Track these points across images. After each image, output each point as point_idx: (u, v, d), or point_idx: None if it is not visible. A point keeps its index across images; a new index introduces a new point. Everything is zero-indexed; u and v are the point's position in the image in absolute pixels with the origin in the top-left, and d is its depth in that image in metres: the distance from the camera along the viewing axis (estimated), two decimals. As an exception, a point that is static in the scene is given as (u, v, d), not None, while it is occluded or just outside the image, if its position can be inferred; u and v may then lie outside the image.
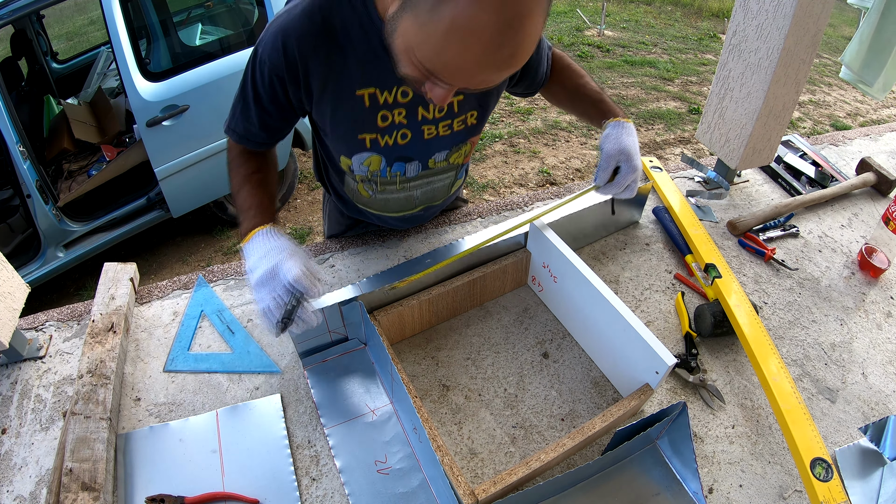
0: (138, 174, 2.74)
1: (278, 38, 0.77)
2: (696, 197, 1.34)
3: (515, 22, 0.56)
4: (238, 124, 0.89)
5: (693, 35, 6.17)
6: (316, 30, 0.77)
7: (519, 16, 0.56)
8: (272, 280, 0.77)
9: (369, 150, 0.92)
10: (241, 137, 0.90)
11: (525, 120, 4.19)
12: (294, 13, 0.77)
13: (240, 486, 0.79)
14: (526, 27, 0.57)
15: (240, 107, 0.87)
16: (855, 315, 1.09)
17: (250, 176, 0.90)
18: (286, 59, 0.78)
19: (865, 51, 1.57)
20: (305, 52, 0.78)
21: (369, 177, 0.98)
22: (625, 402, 0.82)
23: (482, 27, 0.56)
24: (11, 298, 0.92)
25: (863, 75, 1.61)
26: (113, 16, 2.27)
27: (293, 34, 0.77)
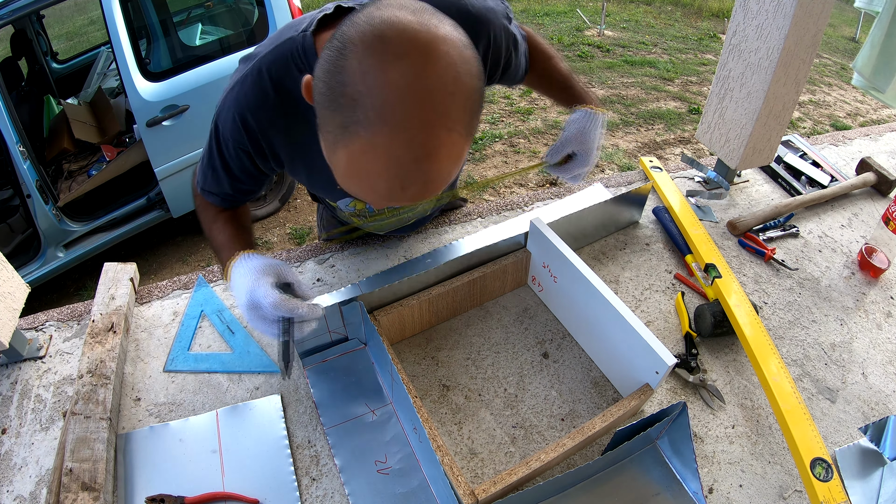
0: (138, 174, 2.74)
1: (235, 115, 0.73)
2: (696, 197, 1.34)
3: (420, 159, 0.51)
4: (210, 185, 0.85)
5: (693, 35, 6.17)
6: (271, 101, 0.72)
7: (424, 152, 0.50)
8: (257, 312, 0.74)
9: (352, 196, 0.90)
10: (214, 196, 0.87)
11: (525, 120, 4.19)
12: (246, 85, 0.72)
13: (240, 486, 0.79)
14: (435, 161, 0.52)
15: (210, 171, 0.83)
16: (855, 315, 1.09)
17: (217, 216, 0.88)
18: (248, 134, 0.74)
19: (877, 56, 1.56)
20: (265, 125, 0.74)
21: (357, 213, 0.99)
22: (625, 402, 0.82)
23: (380, 170, 0.51)
24: (11, 298, 0.92)
25: (875, 81, 1.60)
26: (113, 16, 2.27)
27: (249, 109, 0.72)
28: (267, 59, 0.71)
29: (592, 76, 4.93)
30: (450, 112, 0.50)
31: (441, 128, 0.50)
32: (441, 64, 0.49)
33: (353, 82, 0.49)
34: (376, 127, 0.49)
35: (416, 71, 0.48)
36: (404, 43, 0.48)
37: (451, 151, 0.52)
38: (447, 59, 0.49)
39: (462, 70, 0.51)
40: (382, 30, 0.49)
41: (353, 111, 0.49)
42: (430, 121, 0.49)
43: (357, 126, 0.50)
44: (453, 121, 0.51)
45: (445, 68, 0.49)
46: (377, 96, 0.48)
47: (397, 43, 0.48)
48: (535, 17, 6.43)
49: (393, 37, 0.49)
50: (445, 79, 0.49)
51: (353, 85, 0.49)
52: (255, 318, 0.75)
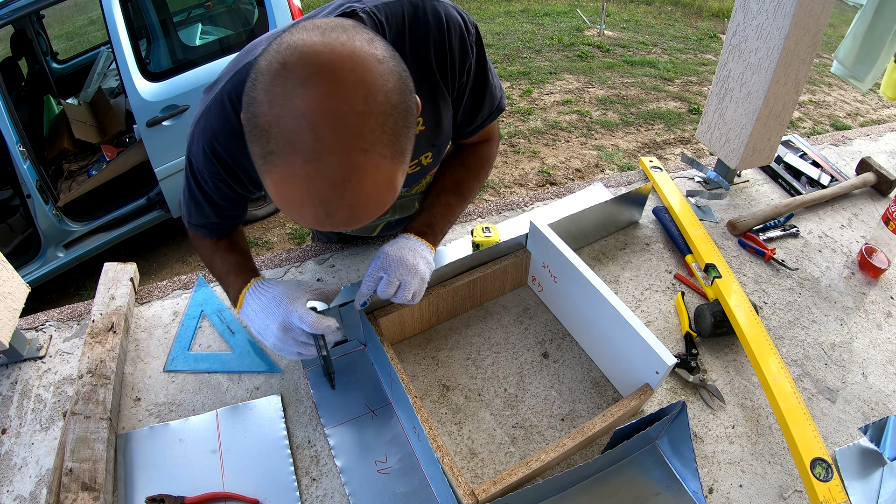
0: (138, 174, 2.74)
1: (204, 146, 0.72)
2: (696, 197, 1.34)
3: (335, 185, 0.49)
4: (196, 218, 0.84)
5: (693, 35, 6.17)
6: (236, 128, 0.69)
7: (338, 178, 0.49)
8: (287, 334, 0.76)
9: None
10: (202, 228, 0.86)
11: (525, 120, 4.19)
12: (211, 115, 0.71)
13: (240, 486, 0.79)
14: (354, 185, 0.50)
15: (193, 206, 0.82)
16: (855, 315, 1.09)
17: (217, 244, 0.88)
18: (221, 164, 0.73)
19: (858, 47, 1.58)
20: (234, 152, 0.72)
21: None
22: (625, 402, 0.82)
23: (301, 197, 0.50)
24: (11, 298, 0.92)
25: (855, 71, 1.62)
26: (113, 16, 2.27)
27: (218, 140, 0.71)
28: (227, 87, 0.70)
29: (592, 76, 4.93)
30: (363, 134, 0.48)
31: (355, 150, 0.48)
32: (348, 84, 0.47)
33: (263, 113, 0.48)
34: (289, 157, 0.48)
35: (321, 95, 0.47)
36: (307, 67, 0.47)
37: (374, 174, 0.51)
38: (354, 78, 0.48)
39: (375, 87, 0.49)
40: (286, 56, 0.48)
41: (268, 142, 0.49)
42: (342, 145, 0.48)
43: (273, 157, 0.49)
44: (368, 142, 0.49)
45: (353, 89, 0.48)
46: (285, 125, 0.47)
47: (300, 68, 0.47)
48: (535, 17, 6.43)
49: (295, 62, 0.47)
50: (354, 100, 0.48)
51: (264, 115, 0.48)
52: (285, 341, 0.76)
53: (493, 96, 0.86)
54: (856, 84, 1.67)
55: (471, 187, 0.94)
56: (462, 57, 0.77)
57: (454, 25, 0.74)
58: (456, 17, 0.75)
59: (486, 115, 0.87)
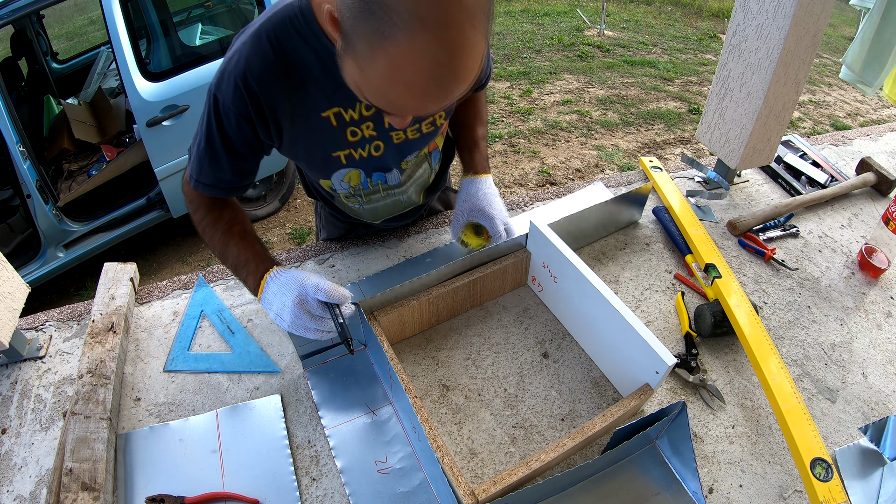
0: (138, 174, 2.74)
1: (237, 80, 0.75)
2: (696, 197, 1.34)
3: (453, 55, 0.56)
4: (207, 175, 0.85)
5: (693, 35, 6.17)
6: (272, 64, 0.74)
7: (456, 49, 0.55)
8: (303, 307, 0.79)
9: (346, 166, 0.92)
10: (211, 188, 0.86)
11: (525, 120, 4.19)
12: (245, 52, 0.74)
13: (240, 486, 0.79)
14: (464, 58, 0.57)
15: (207, 157, 0.83)
16: (855, 315, 1.09)
17: (230, 230, 0.88)
18: (251, 99, 0.76)
19: (866, 52, 1.58)
20: (267, 88, 0.76)
21: (353, 192, 0.99)
22: (625, 402, 0.82)
23: (419, 69, 0.56)
24: (11, 298, 0.92)
25: (863, 76, 1.62)
26: (113, 16, 2.27)
27: (252, 73, 0.74)
28: (266, 25, 0.73)
29: (592, 76, 4.93)
30: (474, 11, 0.55)
31: (468, 25, 0.55)
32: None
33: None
34: (413, 28, 0.53)
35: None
36: None
37: (475, 49, 0.57)
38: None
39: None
40: None
41: (389, 16, 0.53)
42: (459, 19, 0.54)
43: (394, 29, 0.53)
44: (477, 19, 0.55)
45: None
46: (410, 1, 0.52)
47: None
48: (535, 17, 6.43)
49: None
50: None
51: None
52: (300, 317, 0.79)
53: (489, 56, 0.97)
54: (864, 89, 1.67)
55: (485, 114, 1.10)
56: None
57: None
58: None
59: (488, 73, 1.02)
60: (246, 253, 0.86)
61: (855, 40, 1.63)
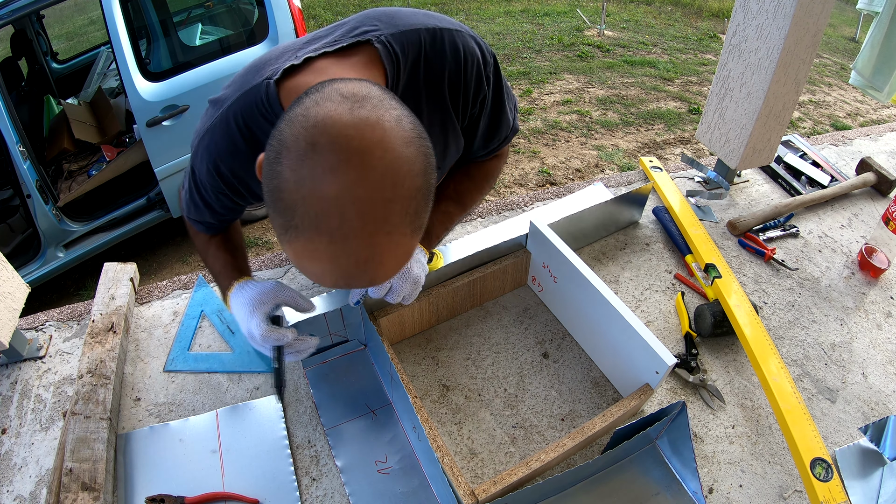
0: (138, 174, 2.74)
1: (208, 164, 0.72)
2: (696, 197, 1.34)
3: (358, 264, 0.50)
4: (195, 216, 0.83)
5: (693, 35, 6.17)
6: (242, 148, 0.70)
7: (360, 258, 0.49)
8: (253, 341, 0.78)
9: None
10: (202, 226, 0.85)
11: (525, 120, 4.19)
12: (216, 135, 0.70)
13: (240, 486, 0.79)
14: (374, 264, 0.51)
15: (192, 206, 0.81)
16: (855, 315, 1.09)
17: (210, 239, 0.87)
18: (224, 181, 0.73)
19: (876, 56, 1.57)
20: (238, 171, 0.72)
21: None
22: (625, 402, 0.82)
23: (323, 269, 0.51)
24: (11, 298, 0.92)
25: (874, 81, 1.61)
26: (113, 16, 2.27)
27: (222, 158, 0.71)
28: (234, 108, 0.69)
29: (592, 76, 4.93)
30: (389, 218, 0.49)
31: (380, 234, 0.49)
32: (377, 172, 0.47)
33: (289, 190, 0.47)
34: (313, 235, 0.48)
35: (350, 182, 0.46)
36: (337, 153, 0.46)
37: (394, 252, 0.51)
38: (384, 165, 0.47)
39: (402, 172, 0.48)
40: (314, 136, 0.47)
41: (291, 217, 0.48)
42: (368, 230, 0.48)
43: (296, 231, 0.49)
44: (393, 225, 0.49)
45: (382, 176, 0.47)
46: (311, 207, 0.47)
47: (330, 152, 0.46)
48: (535, 17, 6.43)
49: (325, 145, 0.46)
50: (383, 186, 0.47)
51: (289, 193, 0.48)
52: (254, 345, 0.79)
53: (507, 121, 0.87)
54: (875, 95, 1.65)
55: (472, 198, 0.94)
56: (476, 89, 0.77)
57: (471, 57, 0.74)
58: (474, 48, 0.74)
59: (502, 139, 0.89)
60: (218, 263, 0.85)
61: (864, 45, 1.62)
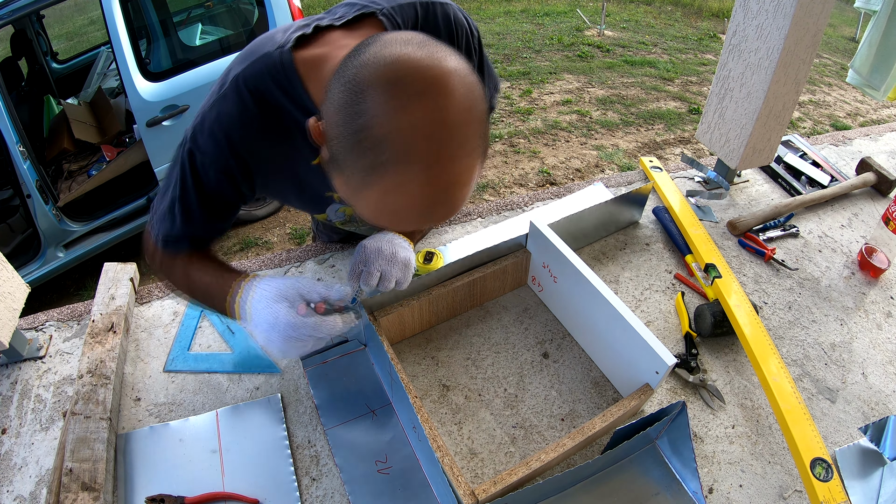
0: (138, 174, 2.74)
1: (219, 133, 0.68)
2: (696, 197, 1.34)
3: (446, 189, 0.54)
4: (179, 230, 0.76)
5: (693, 35, 6.17)
6: (254, 117, 0.69)
7: (449, 183, 0.54)
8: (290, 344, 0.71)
9: (339, 203, 0.90)
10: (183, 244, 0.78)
11: (525, 120, 4.19)
12: (227, 103, 0.68)
13: (240, 486, 0.79)
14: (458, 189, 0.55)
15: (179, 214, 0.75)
16: (855, 315, 1.09)
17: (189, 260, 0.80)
18: (232, 153, 0.70)
19: (874, 55, 1.57)
20: (251, 142, 0.70)
21: (348, 219, 0.97)
22: (625, 402, 0.82)
23: (410, 204, 0.54)
24: (11, 298, 0.92)
25: (871, 79, 1.61)
26: (113, 16, 2.27)
27: (235, 126, 0.68)
28: (244, 75, 0.68)
29: (592, 76, 4.92)
30: (469, 141, 0.53)
31: (463, 157, 0.53)
32: (456, 96, 0.51)
33: (377, 125, 0.50)
34: (405, 166, 0.51)
35: (437, 108, 0.50)
36: (421, 81, 0.50)
37: (471, 175, 0.55)
38: (460, 91, 0.51)
39: (474, 98, 0.53)
40: (397, 70, 0.50)
41: (380, 153, 0.51)
42: (453, 153, 0.52)
43: (385, 166, 0.51)
44: (472, 147, 0.53)
45: (461, 100, 0.51)
46: (403, 137, 0.50)
47: (414, 82, 0.50)
48: (535, 17, 6.43)
49: (409, 76, 0.50)
50: (462, 110, 0.51)
51: (377, 128, 0.50)
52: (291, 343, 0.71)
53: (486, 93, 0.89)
54: (872, 93, 1.66)
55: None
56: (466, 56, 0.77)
57: (461, 28, 0.77)
58: (462, 19, 0.78)
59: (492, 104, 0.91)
60: (207, 277, 0.78)
61: (862, 44, 1.62)
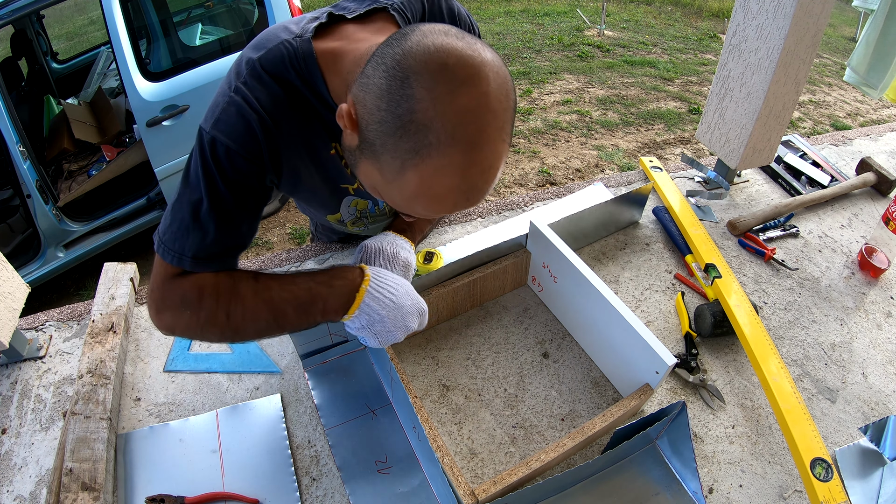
0: (138, 174, 2.74)
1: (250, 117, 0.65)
2: (696, 197, 1.34)
3: (484, 171, 0.57)
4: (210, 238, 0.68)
5: (693, 35, 6.17)
6: (280, 96, 0.67)
7: (487, 166, 0.56)
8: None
9: (353, 195, 0.89)
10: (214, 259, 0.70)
11: (525, 120, 4.19)
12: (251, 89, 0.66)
13: (240, 486, 0.79)
14: (494, 171, 0.58)
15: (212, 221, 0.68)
16: (855, 315, 1.09)
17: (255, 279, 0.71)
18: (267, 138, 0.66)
19: (871, 54, 1.57)
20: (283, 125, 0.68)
21: (359, 216, 0.97)
22: (625, 402, 0.82)
23: (450, 186, 0.56)
24: (11, 298, 0.92)
25: (868, 78, 1.61)
26: (113, 16, 2.27)
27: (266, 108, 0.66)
28: (262, 61, 0.67)
29: (592, 76, 4.92)
30: (505, 126, 0.57)
31: (500, 141, 0.56)
32: (494, 85, 0.54)
33: (423, 109, 0.53)
34: (450, 148, 0.54)
35: (481, 94, 0.53)
36: (465, 69, 0.53)
37: (502, 160, 0.59)
38: (497, 80, 0.55)
39: (508, 87, 0.57)
40: (443, 58, 0.53)
41: (425, 136, 0.53)
42: (493, 137, 0.55)
43: (430, 149, 0.54)
44: (506, 133, 0.57)
45: (498, 88, 0.55)
46: (449, 120, 0.53)
47: (459, 69, 0.53)
48: (535, 17, 6.43)
49: (454, 64, 0.53)
50: (500, 97, 0.55)
51: (424, 112, 0.53)
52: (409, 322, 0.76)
53: None
54: (869, 92, 1.66)
55: None
56: None
57: (464, 24, 0.80)
58: (465, 15, 0.81)
59: None
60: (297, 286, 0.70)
61: (859, 43, 1.63)
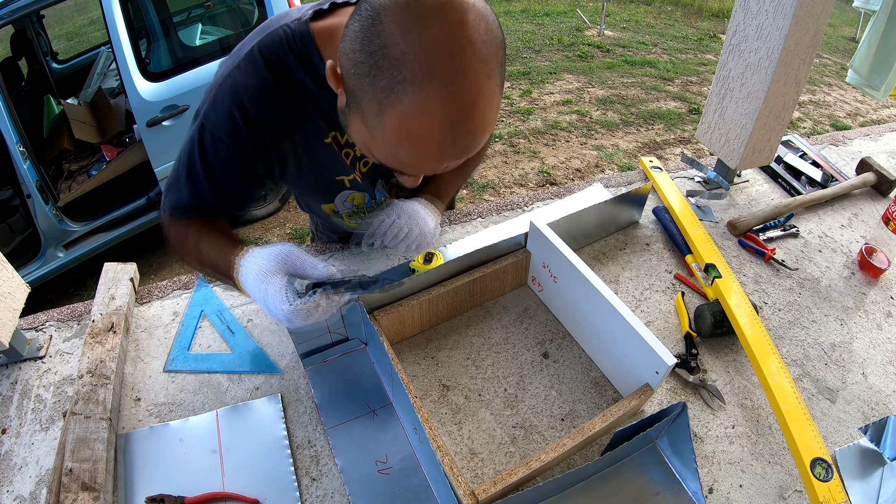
0: (138, 174, 2.74)
1: (232, 107, 0.67)
2: (696, 197, 1.34)
3: (468, 109, 0.53)
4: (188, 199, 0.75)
5: (693, 35, 6.17)
6: (270, 87, 0.67)
7: (471, 102, 0.52)
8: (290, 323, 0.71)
9: (349, 189, 0.89)
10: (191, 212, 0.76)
11: (525, 120, 4.19)
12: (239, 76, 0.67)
13: (240, 486, 0.79)
14: (480, 110, 0.54)
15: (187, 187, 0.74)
16: (855, 315, 1.09)
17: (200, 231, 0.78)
18: (248, 127, 0.68)
19: (873, 55, 1.57)
20: (266, 114, 0.69)
21: (355, 210, 0.97)
22: (625, 402, 0.82)
23: (432, 125, 0.53)
24: (11, 298, 0.92)
25: (870, 79, 1.61)
26: (113, 16, 2.27)
27: (250, 96, 0.67)
28: (260, 44, 0.67)
29: (592, 76, 4.92)
30: (487, 60, 0.52)
31: (482, 76, 0.52)
32: (472, 15, 0.51)
33: (394, 43, 0.50)
34: (425, 81, 0.50)
35: (455, 23, 0.50)
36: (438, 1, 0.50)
37: (491, 100, 0.54)
38: (475, 11, 0.51)
39: (489, 20, 0.53)
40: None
41: (399, 71, 0.50)
42: (472, 69, 0.51)
43: (404, 84, 0.50)
44: (490, 68, 0.53)
45: (477, 19, 0.51)
46: (422, 52, 0.49)
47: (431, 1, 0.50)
48: (535, 17, 6.43)
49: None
50: (479, 28, 0.51)
51: (395, 46, 0.50)
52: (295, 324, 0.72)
53: None
54: (871, 93, 1.66)
55: (474, 159, 0.95)
56: None
57: None
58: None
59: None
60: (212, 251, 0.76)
61: (861, 44, 1.62)
